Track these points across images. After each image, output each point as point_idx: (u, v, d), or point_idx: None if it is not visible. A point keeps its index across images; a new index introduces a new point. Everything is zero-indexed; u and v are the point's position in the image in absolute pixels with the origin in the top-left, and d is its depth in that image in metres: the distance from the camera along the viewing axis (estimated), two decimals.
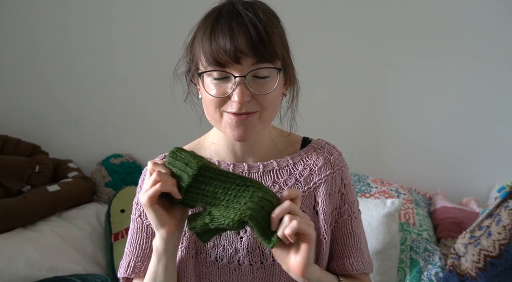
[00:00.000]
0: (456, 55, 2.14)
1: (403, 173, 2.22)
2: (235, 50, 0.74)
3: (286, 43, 0.84)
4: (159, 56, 2.31)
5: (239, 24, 0.76)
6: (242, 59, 0.75)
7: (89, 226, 1.98)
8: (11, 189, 1.94)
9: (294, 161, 0.91)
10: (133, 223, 0.91)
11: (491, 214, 1.40)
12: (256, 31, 0.75)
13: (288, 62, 0.84)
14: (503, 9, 2.08)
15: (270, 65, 0.78)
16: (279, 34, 0.81)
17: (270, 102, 0.80)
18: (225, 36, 0.75)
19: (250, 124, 0.80)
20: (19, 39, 2.34)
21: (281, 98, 0.87)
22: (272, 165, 0.90)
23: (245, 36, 0.75)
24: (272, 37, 0.77)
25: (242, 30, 0.75)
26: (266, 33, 0.76)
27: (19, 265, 1.65)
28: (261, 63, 0.77)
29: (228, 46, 0.74)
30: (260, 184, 0.73)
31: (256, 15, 0.77)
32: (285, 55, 0.83)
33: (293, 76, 0.87)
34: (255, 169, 0.90)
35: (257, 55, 0.75)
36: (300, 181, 0.90)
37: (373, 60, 2.22)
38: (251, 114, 0.79)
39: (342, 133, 2.19)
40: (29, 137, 2.27)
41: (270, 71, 0.78)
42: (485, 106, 2.16)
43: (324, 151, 0.93)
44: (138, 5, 2.29)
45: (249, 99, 0.77)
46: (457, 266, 1.43)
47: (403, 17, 2.16)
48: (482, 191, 2.17)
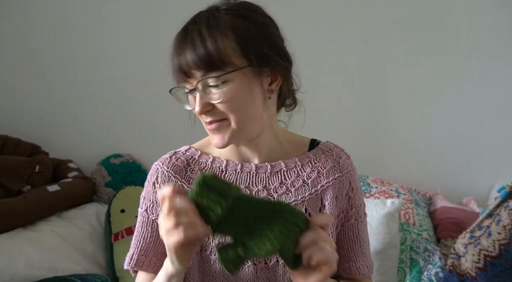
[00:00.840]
0: (456, 55, 2.14)
1: (403, 173, 2.22)
2: (183, 66, 0.79)
3: (266, 39, 0.81)
4: (159, 57, 2.30)
5: (185, 37, 0.79)
6: (190, 73, 0.79)
7: (89, 226, 1.98)
8: (11, 189, 1.94)
9: (302, 163, 0.91)
10: (140, 216, 0.91)
11: (491, 214, 1.40)
12: (203, 42, 0.77)
13: (270, 57, 0.81)
14: (505, 8, 2.08)
15: (220, 73, 0.77)
16: (249, 30, 0.79)
17: (234, 107, 0.80)
18: (176, 53, 0.80)
19: (222, 131, 0.82)
20: (19, 39, 2.33)
21: (267, 97, 0.84)
22: (280, 166, 0.90)
23: (191, 50, 0.77)
24: (221, 44, 0.77)
25: (189, 44, 0.78)
26: (214, 41, 0.77)
27: (19, 265, 1.65)
28: (208, 73, 0.78)
29: (177, 63, 0.80)
30: (290, 207, 0.70)
31: (208, 22, 0.78)
32: (264, 51, 0.80)
33: (283, 70, 0.84)
34: (262, 169, 0.90)
35: (203, 67, 0.77)
36: (307, 183, 0.90)
37: (373, 60, 2.22)
38: (219, 122, 0.81)
39: (342, 133, 2.19)
40: (29, 137, 2.27)
41: (228, 76, 0.78)
42: (485, 106, 2.16)
43: (333, 154, 0.93)
44: (139, 5, 2.29)
45: (210, 108, 0.80)
46: (457, 266, 1.43)
47: (403, 17, 2.16)
48: (482, 191, 2.17)
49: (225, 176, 0.90)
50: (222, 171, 0.90)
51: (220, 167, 0.90)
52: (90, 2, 2.30)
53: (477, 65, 2.13)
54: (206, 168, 0.91)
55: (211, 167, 0.91)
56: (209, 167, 0.91)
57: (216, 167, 0.90)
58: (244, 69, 0.79)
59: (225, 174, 0.90)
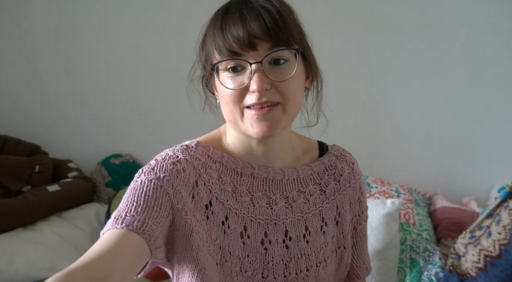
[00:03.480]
0: (456, 55, 2.14)
1: (403, 173, 2.22)
2: (248, 36, 0.70)
3: (302, 29, 0.79)
4: (159, 57, 2.31)
5: (250, 10, 0.72)
6: (257, 45, 0.71)
7: (89, 226, 1.98)
8: (11, 189, 1.94)
9: (317, 170, 0.88)
10: (140, 184, 0.74)
11: (491, 214, 1.40)
12: (269, 14, 0.71)
13: (307, 47, 0.79)
14: (506, 7, 2.08)
15: (287, 47, 0.73)
16: (294, 19, 0.77)
17: (291, 91, 0.73)
18: (236, 24, 0.71)
19: (274, 118, 0.73)
20: (18, 39, 2.34)
21: (305, 92, 0.82)
22: (297, 173, 0.86)
23: (257, 21, 0.70)
24: (287, 19, 0.72)
25: (254, 15, 0.71)
26: (279, 15, 0.71)
27: (19, 265, 1.65)
28: (277, 46, 0.72)
29: (241, 33, 0.70)
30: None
31: (268, 0, 0.73)
32: (303, 40, 0.78)
33: (314, 65, 0.81)
34: (279, 175, 0.84)
35: (272, 38, 0.71)
36: (324, 191, 0.87)
37: (373, 60, 2.22)
38: (273, 107, 0.73)
39: (342, 133, 2.18)
40: (29, 137, 2.27)
41: (288, 56, 0.73)
42: (485, 106, 2.16)
43: (346, 160, 0.91)
44: (137, 5, 2.29)
45: (269, 87, 0.72)
46: (457, 266, 1.43)
47: (403, 17, 2.16)
48: (482, 191, 2.17)
49: (240, 180, 0.82)
50: (238, 174, 0.82)
51: (235, 169, 0.82)
52: (90, 2, 2.30)
53: (477, 65, 2.13)
54: (222, 168, 0.82)
55: (226, 168, 0.82)
56: (224, 167, 0.82)
57: (232, 168, 0.82)
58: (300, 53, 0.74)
59: (241, 178, 0.82)
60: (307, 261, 0.84)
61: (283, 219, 0.83)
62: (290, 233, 0.83)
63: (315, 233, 0.85)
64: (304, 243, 0.84)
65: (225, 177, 0.81)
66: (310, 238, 0.84)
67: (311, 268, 0.84)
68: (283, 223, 0.83)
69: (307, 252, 0.84)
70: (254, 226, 0.81)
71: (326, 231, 0.87)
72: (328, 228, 0.87)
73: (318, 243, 0.85)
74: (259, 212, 0.82)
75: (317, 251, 0.85)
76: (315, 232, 0.85)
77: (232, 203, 0.80)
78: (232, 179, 0.82)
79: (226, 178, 0.81)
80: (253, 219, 0.81)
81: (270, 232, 0.82)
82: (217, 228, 0.79)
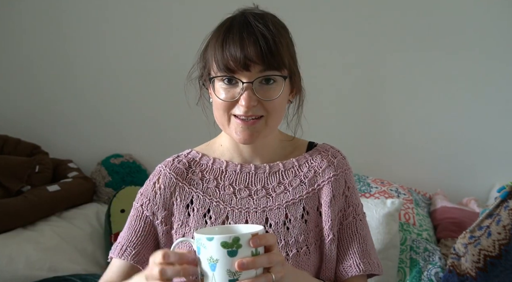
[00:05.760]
0: (456, 55, 2.14)
1: (403, 173, 2.22)
2: (244, 58, 0.80)
3: (293, 54, 0.90)
4: (159, 57, 2.32)
5: (249, 34, 0.82)
6: (251, 66, 0.81)
7: (89, 226, 1.98)
8: (11, 189, 1.94)
9: (299, 163, 0.96)
10: (134, 211, 0.97)
11: (491, 214, 1.40)
12: (265, 41, 0.81)
13: (295, 71, 0.90)
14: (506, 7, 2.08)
15: (277, 72, 0.84)
16: (287, 44, 0.87)
17: (275, 107, 0.85)
18: (236, 45, 0.81)
19: (256, 129, 0.86)
20: (18, 39, 2.34)
21: (288, 105, 0.93)
22: (278, 166, 0.95)
23: (254, 46, 0.81)
24: (279, 47, 0.83)
25: (252, 40, 0.81)
26: (274, 43, 0.82)
27: (19, 265, 1.65)
28: (268, 70, 0.83)
29: (239, 55, 0.81)
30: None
31: (266, 26, 0.83)
32: (292, 64, 0.88)
33: (299, 84, 0.92)
34: (261, 169, 0.95)
35: (265, 63, 0.81)
36: (304, 182, 0.94)
37: (373, 59, 2.22)
38: (257, 120, 0.85)
39: (342, 133, 2.19)
40: (29, 137, 2.27)
41: (277, 78, 0.84)
42: (485, 106, 2.16)
43: (328, 154, 0.98)
44: (136, 5, 2.29)
45: (255, 104, 0.83)
46: (457, 266, 1.43)
47: (403, 17, 2.16)
48: (482, 191, 2.17)
49: (224, 177, 0.95)
50: (222, 171, 0.95)
51: (220, 168, 0.96)
52: (89, 2, 2.30)
53: (478, 65, 2.13)
54: (207, 169, 0.96)
55: (211, 168, 0.96)
56: (210, 168, 0.96)
57: (217, 168, 0.96)
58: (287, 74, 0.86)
59: (225, 175, 0.95)
60: (287, 246, 0.90)
61: (263, 208, 0.92)
62: (270, 220, 0.92)
63: (295, 221, 0.92)
64: (284, 229, 0.91)
65: (209, 175, 0.95)
66: (290, 225, 0.92)
67: (291, 252, 0.90)
68: (263, 211, 0.92)
69: (287, 238, 0.91)
70: (236, 215, 0.92)
71: (308, 220, 0.93)
72: (310, 217, 0.93)
73: (299, 230, 0.92)
74: (241, 202, 0.93)
75: (297, 237, 0.91)
76: (295, 220, 0.92)
77: (215, 197, 0.93)
78: (216, 176, 0.95)
79: (209, 177, 0.95)
80: (235, 209, 0.92)
81: (251, 220, 0.92)
82: (199, 220, 0.92)
